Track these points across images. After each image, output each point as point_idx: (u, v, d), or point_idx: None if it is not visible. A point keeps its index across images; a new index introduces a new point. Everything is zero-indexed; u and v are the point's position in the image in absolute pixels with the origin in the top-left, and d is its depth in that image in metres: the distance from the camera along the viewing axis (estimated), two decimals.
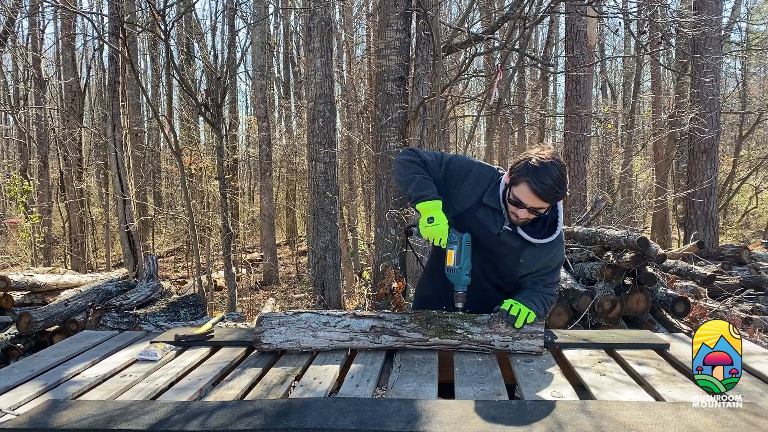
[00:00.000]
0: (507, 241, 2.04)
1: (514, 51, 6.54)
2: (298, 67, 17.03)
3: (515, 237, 2.03)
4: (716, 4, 8.89)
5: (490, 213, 2.05)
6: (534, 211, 1.93)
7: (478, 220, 2.06)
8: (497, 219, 2.05)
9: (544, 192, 1.86)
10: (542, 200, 1.89)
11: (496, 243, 2.06)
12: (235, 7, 8.53)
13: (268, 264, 12.14)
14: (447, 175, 2.10)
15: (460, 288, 2.04)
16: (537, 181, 1.85)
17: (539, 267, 2.09)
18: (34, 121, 12.51)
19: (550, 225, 2.06)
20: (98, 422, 1.49)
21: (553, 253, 2.09)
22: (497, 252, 2.08)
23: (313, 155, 6.81)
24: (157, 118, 7.57)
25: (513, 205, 1.95)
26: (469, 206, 2.07)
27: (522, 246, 2.04)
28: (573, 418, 1.43)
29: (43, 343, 3.88)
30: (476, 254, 2.06)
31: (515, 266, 2.08)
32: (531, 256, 2.06)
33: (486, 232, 2.05)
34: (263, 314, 2.12)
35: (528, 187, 1.87)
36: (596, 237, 4.37)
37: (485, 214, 2.05)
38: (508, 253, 2.06)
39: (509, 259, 2.07)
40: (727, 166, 14.09)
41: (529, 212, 1.93)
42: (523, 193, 1.89)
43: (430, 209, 1.99)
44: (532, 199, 1.89)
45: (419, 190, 2.02)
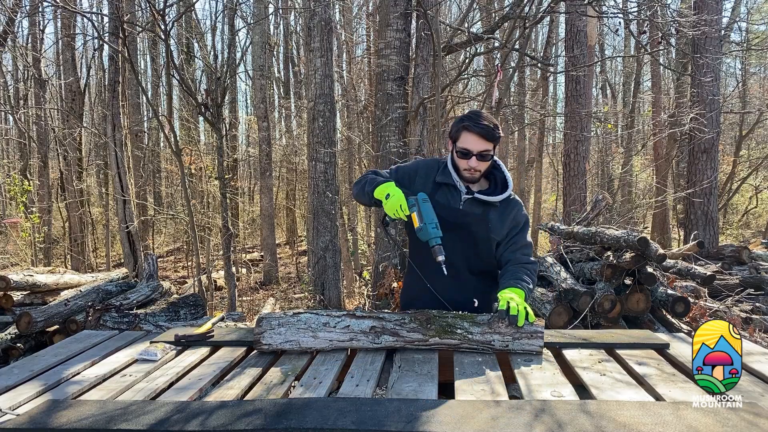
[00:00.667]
0: (470, 210, 2.19)
1: (514, 51, 6.54)
2: (298, 67, 17.03)
3: (476, 203, 2.19)
4: (716, 4, 8.89)
5: (446, 190, 2.22)
6: (482, 157, 2.11)
7: (438, 202, 2.19)
8: (454, 194, 2.21)
9: (484, 130, 2.07)
10: (485, 139, 2.09)
11: (461, 216, 2.19)
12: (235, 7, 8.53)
13: (268, 264, 12.14)
14: (398, 178, 2.26)
15: (434, 241, 2.10)
16: (474, 123, 2.08)
17: (508, 228, 2.23)
18: (34, 121, 12.52)
19: (501, 185, 2.23)
20: (98, 422, 1.49)
21: (515, 211, 2.24)
22: (466, 225, 2.20)
23: (313, 155, 6.81)
24: (157, 118, 7.58)
25: (463, 158, 2.13)
26: (429, 193, 2.20)
27: (485, 210, 2.19)
28: (573, 418, 1.43)
29: (43, 343, 3.88)
30: (451, 238, 2.15)
31: (486, 234, 2.20)
32: (496, 217, 2.20)
33: (450, 210, 2.19)
34: (263, 315, 2.12)
35: (468, 131, 2.09)
36: (596, 237, 4.37)
37: (443, 194, 2.21)
38: (474, 222, 2.19)
39: (478, 228, 2.20)
40: (727, 166, 14.09)
41: (478, 159, 2.11)
42: (467, 140, 2.10)
43: (384, 189, 2.13)
44: (475, 141, 2.09)
45: (371, 184, 2.19)
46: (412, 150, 6.20)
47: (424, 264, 2.25)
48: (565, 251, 4.79)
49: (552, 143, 17.99)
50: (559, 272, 4.49)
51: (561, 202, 9.98)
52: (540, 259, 5.09)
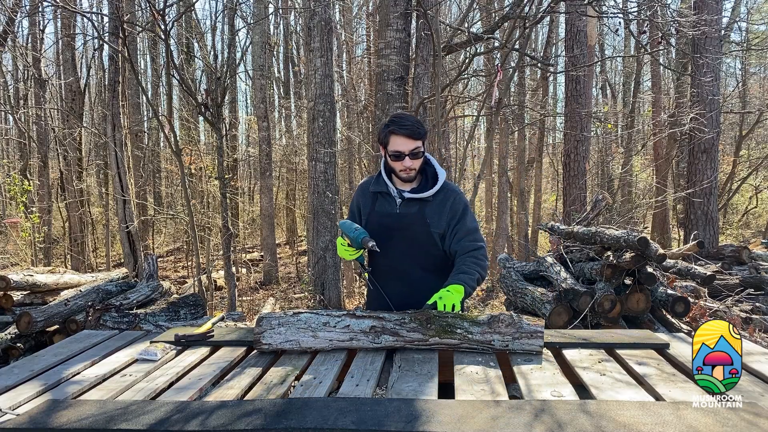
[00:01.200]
0: (407, 211, 2.26)
1: (514, 51, 6.54)
2: (298, 66, 17.03)
3: (411, 203, 2.26)
4: (716, 4, 8.89)
5: (383, 199, 2.31)
6: (414, 155, 2.18)
7: (378, 211, 2.29)
8: (390, 201, 2.29)
9: (409, 130, 2.15)
10: (412, 138, 2.16)
11: (401, 219, 2.26)
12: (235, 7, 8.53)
13: (268, 264, 12.14)
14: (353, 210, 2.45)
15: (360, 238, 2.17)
16: (399, 126, 2.15)
17: (447, 219, 2.26)
18: (34, 120, 12.52)
19: (432, 179, 2.28)
20: (98, 422, 1.49)
21: (452, 200, 2.27)
22: (406, 226, 2.25)
23: (313, 155, 6.81)
24: (157, 117, 7.58)
25: (396, 160, 2.19)
26: (369, 206, 2.33)
27: (420, 207, 2.25)
28: (573, 418, 1.43)
29: (43, 342, 3.88)
30: (396, 243, 2.25)
31: (427, 230, 2.24)
32: (432, 211, 2.25)
33: (390, 216, 2.27)
34: (263, 314, 2.12)
35: (395, 134, 2.16)
36: (596, 237, 4.36)
37: (381, 203, 2.31)
38: (414, 221, 2.25)
39: (418, 226, 2.25)
40: (727, 166, 14.10)
41: (411, 158, 2.18)
42: (396, 143, 2.17)
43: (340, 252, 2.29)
44: (404, 142, 2.16)
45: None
46: None
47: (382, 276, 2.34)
48: (565, 251, 4.79)
49: (552, 143, 17.99)
50: (559, 272, 4.49)
51: (561, 202, 9.99)
52: (540, 259, 5.09)
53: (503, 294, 5.15)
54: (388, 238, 2.23)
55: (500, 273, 5.50)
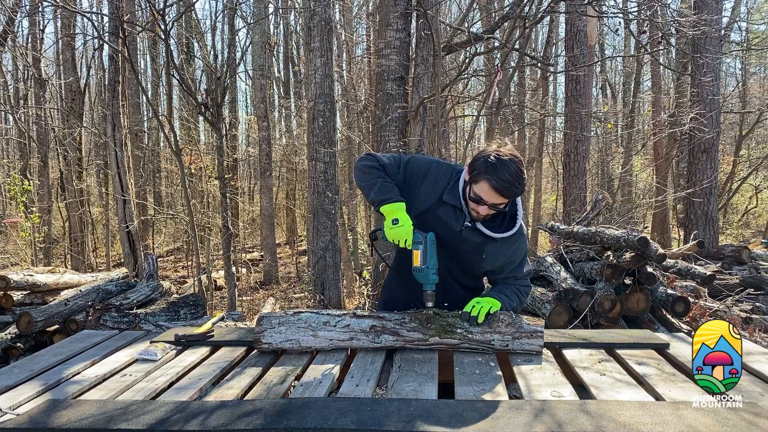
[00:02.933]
0: (469, 237, 2.08)
1: (514, 51, 6.54)
2: (298, 66, 17.03)
3: (476, 233, 2.07)
4: (716, 4, 8.89)
5: (450, 210, 2.08)
6: (494, 207, 1.96)
7: (439, 218, 2.09)
8: (458, 216, 2.08)
9: (504, 188, 1.89)
10: (502, 196, 1.92)
11: (458, 240, 2.09)
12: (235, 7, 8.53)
13: (268, 264, 12.14)
14: (406, 177, 2.13)
15: (429, 287, 2.05)
16: (496, 178, 1.88)
17: (503, 262, 2.15)
18: (34, 120, 12.51)
19: (509, 219, 2.10)
20: (98, 422, 1.49)
21: (515, 247, 2.13)
22: (460, 248, 2.11)
23: (313, 155, 6.81)
24: (157, 117, 7.58)
25: (474, 202, 1.98)
26: (430, 205, 2.10)
27: (484, 241, 2.08)
28: (573, 418, 1.43)
29: (43, 342, 3.88)
30: (440, 253, 2.08)
31: (479, 262, 2.13)
32: (493, 251, 2.10)
33: (448, 230, 2.09)
34: (263, 314, 2.12)
35: (488, 184, 1.90)
36: (596, 237, 4.36)
37: (446, 212, 2.09)
38: (470, 250, 2.11)
39: (472, 255, 2.12)
40: (727, 166, 14.09)
41: (490, 208, 1.96)
42: (483, 190, 1.92)
43: (394, 211, 2.01)
44: (492, 195, 1.92)
45: (382, 193, 2.04)
46: (412, 150, 6.20)
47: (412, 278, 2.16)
48: (565, 251, 4.79)
49: (552, 143, 17.98)
50: (559, 272, 4.49)
51: (561, 202, 9.98)
52: (540, 259, 5.09)
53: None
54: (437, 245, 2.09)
55: None
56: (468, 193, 1.99)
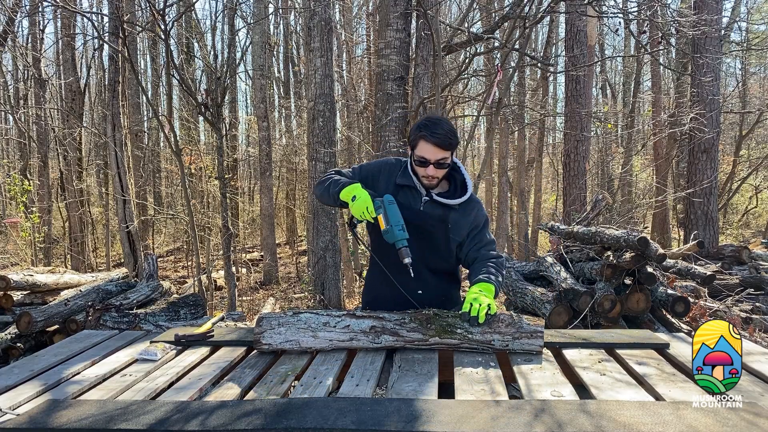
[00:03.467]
0: (430, 212, 2.22)
1: (514, 51, 6.54)
2: (298, 66, 17.04)
3: (436, 205, 2.22)
4: (716, 4, 8.89)
5: (408, 192, 2.24)
6: (439, 165, 2.13)
7: (399, 203, 2.19)
8: (415, 195, 2.23)
9: (440, 140, 2.08)
10: (441, 149, 2.09)
11: (422, 217, 2.21)
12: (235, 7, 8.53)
13: (268, 264, 12.14)
14: (363, 177, 2.29)
15: (400, 243, 2.11)
16: (431, 133, 2.08)
17: (468, 229, 2.26)
18: (34, 120, 12.52)
19: (461, 187, 2.26)
20: (98, 422, 1.49)
21: (474, 212, 2.27)
22: (426, 226, 2.22)
23: (313, 155, 6.81)
24: (157, 117, 7.58)
25: (421, 166, 2.14)
26: (391, 193, 2.22)
27: (444, 212, 2.22)
28: (573, 418, 1.43)
29: (43, 342, 3.88)
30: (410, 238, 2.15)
31: (446, 234, 2.24)
32: (455, 219, 2.23)
33: (410, 211, 2.20)
34: (263, 314, 2.11)
35: (425, 140, 2.09)
36: (596, 237, 4.36)
37: (404, 196, 2.23)
38: (435, 224, 2.23)
39: (438, 229, 2.23)
40: (727, 166, 14.10)
41: (436, 167, 2.13)
42: (424, 149, 2.10)
43: (350, 191, 2.15)
44: (432, 151, 2.09)
45: (336, 186, 2.20)
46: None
47: (386, 262, 2.27)
48: (565, 251, 4.79)
49: (552, 143, 17.99)
50: (559, 272, 4.49)
51: (561, 202, 9.98)
52: (540, 259, 5.09)
53: (503, 294, 5.16)
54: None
55: None
56: (414, 161, 2.16)
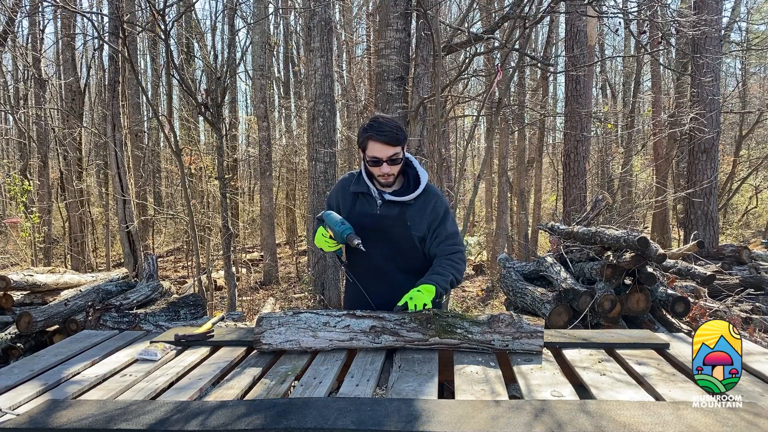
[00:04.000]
0: (387, 213, 2.25)
1: (514, 51, 6.53)
2: (298, 66, 17.04)
3: (392, 205, 2.25)
4: (716, 4, 8.89)
5: (363, 199, 2.30)
6: (392, 162, 2.16)
7: (359, 212, 2.28)
8: (371, 201, 2.28)
9: (387, 137, 2.11)
10: (390, 145, 2.13)
11: (381, 220, 2.25)
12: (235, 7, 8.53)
13: (268, 264, 12.14)
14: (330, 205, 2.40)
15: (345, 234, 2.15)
16: (378, 131, 2.12)
17: (428, 222, 2.26)
18: (34, 120, 12.52)
19: (414, 182, 2.27)
20: (98, 422, 1.49)
21: (433, 204, 2.27)
22: (385, 227, 2.25)
23: (313, 155, 6.81)
24: (157, 117, 7.58)
25: (374, 166, 2.18)
26: (349, 205, 2.32)
27: (401, 210, 2.24)
28: (573, 418, 1.43)
29: (43, 342, 3.88)
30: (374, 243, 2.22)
31: (406, 232, 2.25)
32: (413, 215, 2.25)
33: (370, 217, 2.26)
34: (263, 314, 2.12)
35: (373, 140, 2.13)
36: (596, 237, 4.36)
37: (361, 204, 2.29)
38: (394, 224, 2.25)
39: (398, 228, 2.25)
40: (727, 166, 14.10)
41: (389, 164, 2.16)
42: (374, 148, 2.14)
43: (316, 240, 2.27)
44: (382, 149, 2.13)
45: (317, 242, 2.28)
46: (412, 150, 6.20)
47: (360, 274, 2.34)
48: (565, 251, 4.79)
49: (552, 143, 17.99)
50: (559, 272, 4.49)
51: (561, 202, 9.98)
52: (540, 259, 5.09)
53: (503, 294, 5.16)
54: (367, 238, 2.22)
55: (500, 273, 5.50)
56: (366, 163, 2.20)
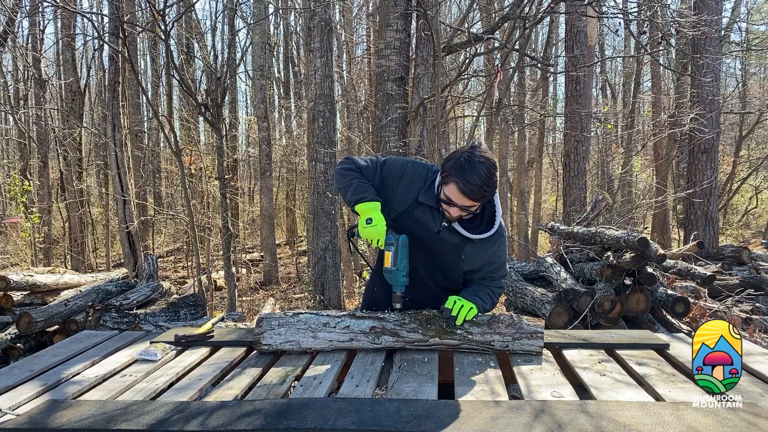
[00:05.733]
0: (447, 238, 2.06)
1: (514, 51, 6.54)
2: (298, 67, 17.04)
3: (454, 233, 2.05)
4: (716, 4, 8.89)
5: (428, 211, 2.07)
6: (465, 209, 1.94)
7: (417, 219, 2.08)
8: (435, 217, 2.06)
9: (472, 192, 1.87)
10: (471, 200, 1.90)
11: (436, 241, 2.07)
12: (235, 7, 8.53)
13: (268, 264, 12.14)
14: (383, 178, 2.12)
15: (398, 289, 2.06)
16: (464, 181, 1.85)
17: (482, 263, 2.11)
18: (34, 121, 12.52)
19: (488, 220, 2.07)
20: (98, 422, 1.49)
21: (494, 249, 2.10)
22: (439, 249, 2.10)
23: (313, 155, 6.81)
24: (157, 118, 7.58)
25: (445, 204, 1.96)
26: (407, 206, 2.09)
27: (462, 242, 2.06)
28: (573, 418, 1.43)
29: (43, 343, 3.88)
30: (419, 254, 2.09)
31: (457, 263, 2.10)
32: (472, 252, 2.08)
33: (426, 231, 2.08)
34: (263, 315, 2.11)
35: (456, 186, 1.88)
36: (596, 237, 4.36)
37: (423, 213, 2.08)
38: (449, 251, 2.09)
39: (451, 256, 2.10)
40: (727, 166, 14.09)
41: (461, 210, 1.94)
42: (453, 193, 1.90)
43: (368, 210, 2.00)
44: (460, 198, 1.89)
45: (357, 193, 2.03)
46: (412, 150, 6.20)
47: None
48: (565, 251, 4.78)
49: (552, 143, 17.99)
50: (559, 272, 4.49)
51: (561, 203, 9.99)
52: (540, 259, 5.09)
53: (503, 294, 5.15)
54: (414, 246, 2.08)
55: None
56: (439, 195, 1.99)
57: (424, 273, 2.15)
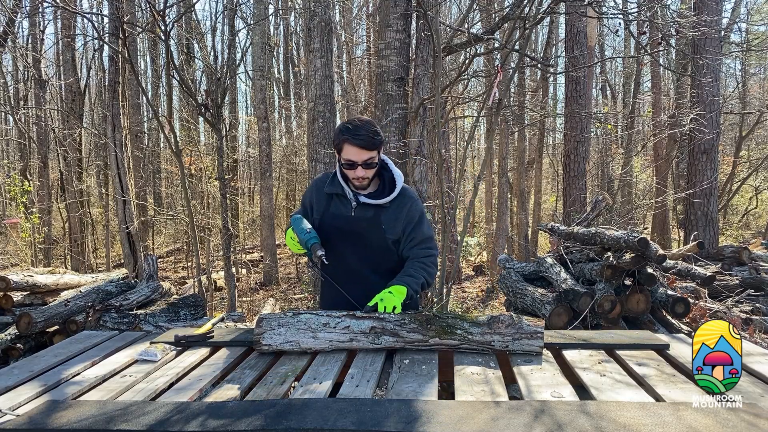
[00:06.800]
0: (362, 215, 2.24)
1: (514, 51, 6.53)
2: (298, 67, 17.05)
3: (366, 207, 2.24)
4: (716, 5, 8.90)
5: (338, 200, 2.28)
6: (367, 166, 2.15)
7: (333, 213, 2.27)
8: (345, 203, 2.26)
9: (363, 141, 2.10)
10: (366, 149, 2.11)
11: (356, 222, 2.24)
12: (235, 8, 8.53)
13: (268, 264, 12.14)
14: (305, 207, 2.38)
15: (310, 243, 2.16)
16: (353, 135, 2.10)
17: (403, 226, 2.26)
18: (34, 121, 12.52)
19: (389, 185, 2.26)
20: (98, 422, 1.49)
21: (408, 207, 2.26)
22: (360, 231, 2.24)
23: (313, 155, 6.81)
24: (157, 118, 7.57)
25: (349, 169, 2.16)
26: (323, 207, 2.30)
27: (376, 213, 2.23)
28: (573, 419, 1.43)
29: (43, 343, 3.88)
30: (347, 245, 2.24)
31: (381, 236, 2.24)
32: (388, 218, 2.24)
33: (343, 219, 2.25)
34: (263, 315, 2.11)
35: (349, 143, 2.11)
36: (596, 237, 4.36)
37: (336, 205, 2.28)
38: (369, 227, 2.24)
39: (372, 232, 2.24)
40: (727, 167, 14.10)
41: (364, 168, 2.15)
42: (350, 152, 2.12)
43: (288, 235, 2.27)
44: (358, 152, 2.11)
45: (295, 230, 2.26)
46: (412, 150, 6.20)
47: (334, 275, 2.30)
48: (565, 252, 4.79)
49: (552, 144, 18.00)
50: (559, 273, 4.49)
51: (561, 203, 9.99)
52: (540, 259, 5.09)
53: (503, 294, 5.16)
54: (341, 240, 2.23)
55: (500, 274, 5.50)
56: (342, 165, 2.18)
57: (358, 265, 2.27)
